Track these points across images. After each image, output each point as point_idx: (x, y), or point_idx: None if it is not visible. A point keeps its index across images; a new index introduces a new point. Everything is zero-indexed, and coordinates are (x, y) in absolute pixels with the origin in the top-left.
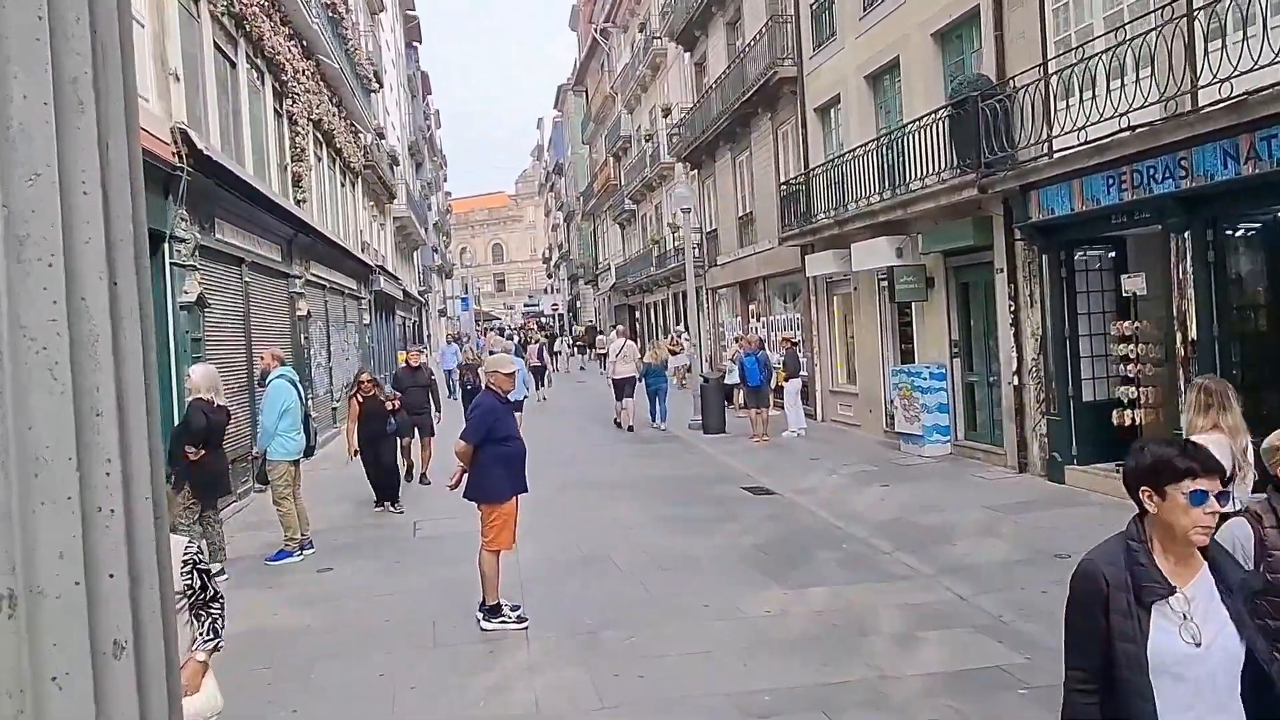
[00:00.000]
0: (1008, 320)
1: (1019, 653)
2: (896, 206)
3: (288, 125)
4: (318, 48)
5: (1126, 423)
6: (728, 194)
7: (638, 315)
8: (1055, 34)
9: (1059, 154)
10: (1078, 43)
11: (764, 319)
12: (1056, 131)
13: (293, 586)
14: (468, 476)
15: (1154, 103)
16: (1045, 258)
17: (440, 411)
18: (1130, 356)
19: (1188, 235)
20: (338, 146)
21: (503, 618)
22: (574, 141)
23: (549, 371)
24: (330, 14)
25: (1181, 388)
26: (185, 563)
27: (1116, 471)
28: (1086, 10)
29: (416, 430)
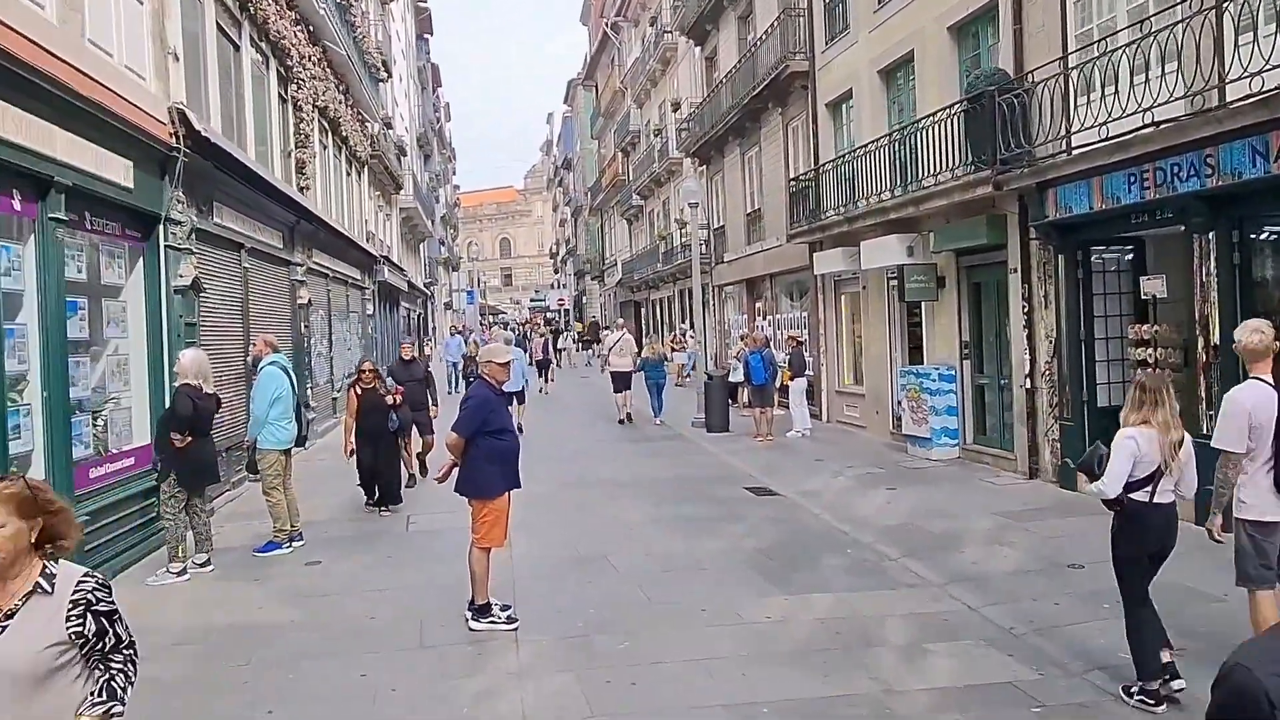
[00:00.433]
0: (1021, 321)
1: (1031, 668)
2: (908, 203)
3: (292, 111)
4: (325, 33)
5: None
6: (736, 190)
7: (643, 312)
8: (1076, 27)
9: (1078, 150)
10: (1100, 36)
11: (770, 317)
12: (1076, 127)
13: (279, 580)
14: (459, 470)
15: (1179, 98)
16: (1061, 258)
17: (437, 406)
18: (1148, 361)
19: (1212, 236)
20: (344, 135)
21: (492, 618)
22: (583, 136)
23: (553, 366)
24: (338, 0)
25: (1201, 394)
26: (75, 602)
27: None
28: (1109, 3)
29: (416, 426)
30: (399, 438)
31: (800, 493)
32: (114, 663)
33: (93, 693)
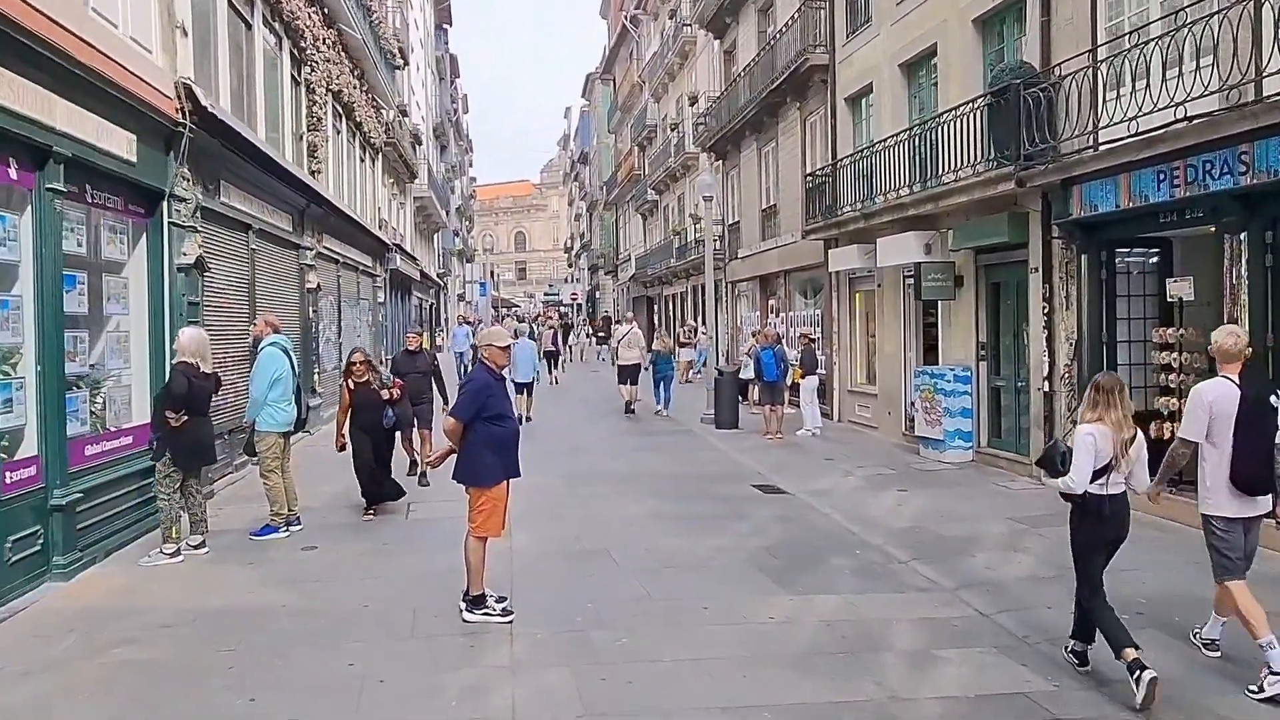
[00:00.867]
0: (1040, 323)
1: (1045, 678)
2: (927, 200)
3: (305, 94)
4: (340, 17)
5: (1165, 436)
6: (751, 186)
7: (656, 307)
8: (1106, 20)
9: (1105, 146)
10: (1130, 29)
11: (783, 314)
12: (1104, 122)
13: (273, 564)
14: (456, 456)
15: (1213, 92)
16: (1084, 257)
17: (447, 404)
18: (1172, 366)
19: (1244, 236)
20: (358, 120)
21: (486, 609)
22: (600, 131)
23: (563, 358)
24: None
25: None
26: None
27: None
28: None
29: (416, 420)
30: (400, 434)
31: (809, 492)
32: None
33: None
